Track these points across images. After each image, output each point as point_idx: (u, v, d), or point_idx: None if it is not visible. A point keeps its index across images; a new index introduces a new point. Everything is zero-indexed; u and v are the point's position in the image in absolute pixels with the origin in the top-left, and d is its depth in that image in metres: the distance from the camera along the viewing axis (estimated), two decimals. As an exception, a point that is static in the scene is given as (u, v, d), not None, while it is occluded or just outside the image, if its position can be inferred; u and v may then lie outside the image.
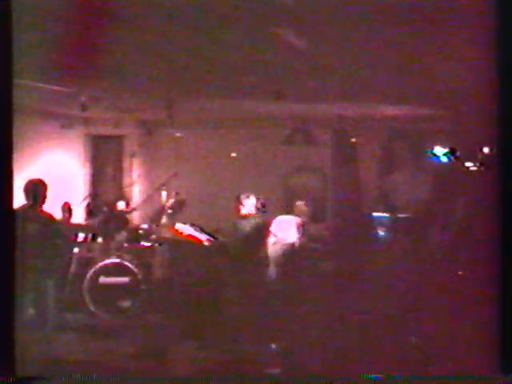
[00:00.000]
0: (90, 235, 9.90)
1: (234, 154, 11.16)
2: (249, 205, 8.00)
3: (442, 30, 6.26)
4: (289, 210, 9.49)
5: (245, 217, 8.04)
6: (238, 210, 8.05)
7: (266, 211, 8.11)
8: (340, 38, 6.61)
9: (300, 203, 9.57)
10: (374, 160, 10.76)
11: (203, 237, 7.86)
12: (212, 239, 7.83)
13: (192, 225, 7.94)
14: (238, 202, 8.06)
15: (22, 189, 7.47)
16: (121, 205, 10.45)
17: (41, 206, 7.57)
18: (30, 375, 5.55)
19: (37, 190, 7.58)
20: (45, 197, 7.60)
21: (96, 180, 12.07)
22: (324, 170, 11.29)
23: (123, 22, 6.26)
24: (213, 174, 10.83)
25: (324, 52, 7.10)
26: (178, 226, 7.97)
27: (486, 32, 5.62)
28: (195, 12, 6.05)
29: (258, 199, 8.05)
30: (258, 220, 8.11)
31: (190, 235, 7.91)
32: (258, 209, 8.01)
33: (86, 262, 9.43)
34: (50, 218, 7.78)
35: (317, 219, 11.02)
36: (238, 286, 7.86)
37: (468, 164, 7.68)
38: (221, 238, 8.03)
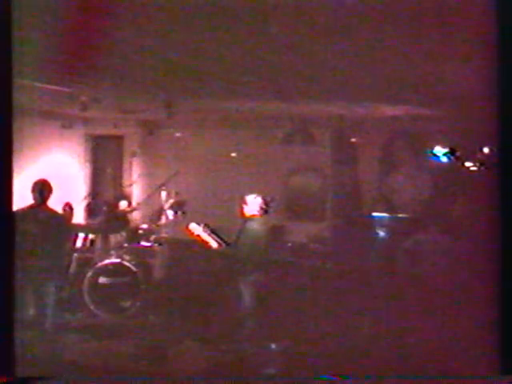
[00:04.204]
0: (90, 235, 9.92)
1: (234, 154, 11.16)
2: (254, 205, 7.96)
3: (442, 30, 6.26)
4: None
5: (250, 218, 7.99)
6: (243, 210, 8.02)
7: (268, 211, 8.08)
8: (340, 37, 6.60)
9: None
10: (374, 160, 10.75)
11: (213, 242, 7.81)
12: (222, 243, 7.78)
13: (205, 225, 7.89)
14: (243, 202, 8.01)
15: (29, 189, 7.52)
16: (121, 205, 10.44)
17: (46, 204, 7.60)
18: (30, 375, 5.55)
19: (43, 189, 7.61)
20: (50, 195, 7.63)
21: (96, 180, 12.06)
22: (324, 170, 11.28)
23: (123, 22, 6.26)
24: (213, 174, 10.82)
25: (324, 52, 7.09)
26: (192, 226, 7.92)
27: (486, 32, 5.63)
28: (195, 12, 6.05)
29: (263, 199, 8.00)
30: (265, 221, 8.06)
31: (198, 236, 7.87)
32: (262, 208, 7.98)
33: (86, 262, 9.43)
34: (52, 218, 7.79)
35: (316, 219, 11.05)
36: (238, 286, 7.85)
37: (468, 164, 7.69)
38: (227, 240, 7.98)
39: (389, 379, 6.32)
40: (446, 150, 7.72)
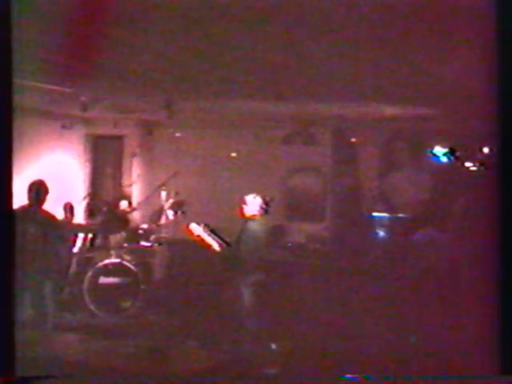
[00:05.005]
0: (90, 235, 9.92)
1: (233, 154, 11.15)
2: (254, 205, 7.94)
3: (442, 30, 6.26)
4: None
5: (250, 218, 7.98)
6: (242, 211, 8.01)
7: (268, 211, 8.07)
8: (340, 37, 6.61)
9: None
10: (374, 160, 10.75)
11: (213, 242, 7.80)
12: (222, 244, 7.77)
13: (205, 226, 7.88)
14: (243, 202, 8.00)
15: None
16: (121, 205, 10.45)
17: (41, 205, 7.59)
18: (30, 375, 5.55)
19: (39, 189, 7.61)
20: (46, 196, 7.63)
21: (96, 180, 12.07)
22: (324, 169, 11.28)
23: (123, 22, 6.26)
24: (213, 174, 10.82)
25: (324, 52, 7.10)
26: (192, 225, 7.92)
27: (486, 32, 5.63)
28: (195, 12, 6.05)
29: (263, 199, 7.99)
30: (265, 221, 8.05)
31: (198, 236, 7.86)
32: (261, 208, 7.97)
33: (86, 262, 9.43)
34: (52, 217, 7.79)
35: (316, 219, 11.05)
36: (238, 286, 7.85)
37: (468, 164, 7.69)
38: (227, 240, 7.97)
39: (389, 379, 6.32)
40: (445, 150, 7.72)
